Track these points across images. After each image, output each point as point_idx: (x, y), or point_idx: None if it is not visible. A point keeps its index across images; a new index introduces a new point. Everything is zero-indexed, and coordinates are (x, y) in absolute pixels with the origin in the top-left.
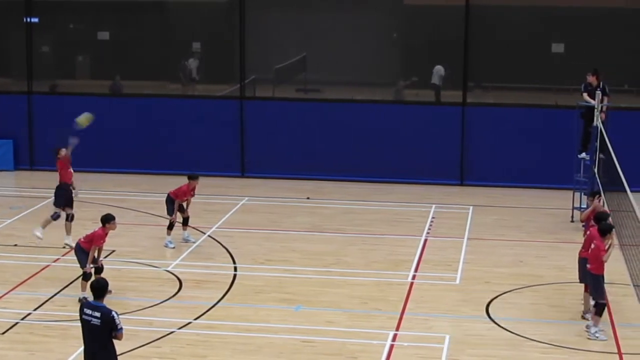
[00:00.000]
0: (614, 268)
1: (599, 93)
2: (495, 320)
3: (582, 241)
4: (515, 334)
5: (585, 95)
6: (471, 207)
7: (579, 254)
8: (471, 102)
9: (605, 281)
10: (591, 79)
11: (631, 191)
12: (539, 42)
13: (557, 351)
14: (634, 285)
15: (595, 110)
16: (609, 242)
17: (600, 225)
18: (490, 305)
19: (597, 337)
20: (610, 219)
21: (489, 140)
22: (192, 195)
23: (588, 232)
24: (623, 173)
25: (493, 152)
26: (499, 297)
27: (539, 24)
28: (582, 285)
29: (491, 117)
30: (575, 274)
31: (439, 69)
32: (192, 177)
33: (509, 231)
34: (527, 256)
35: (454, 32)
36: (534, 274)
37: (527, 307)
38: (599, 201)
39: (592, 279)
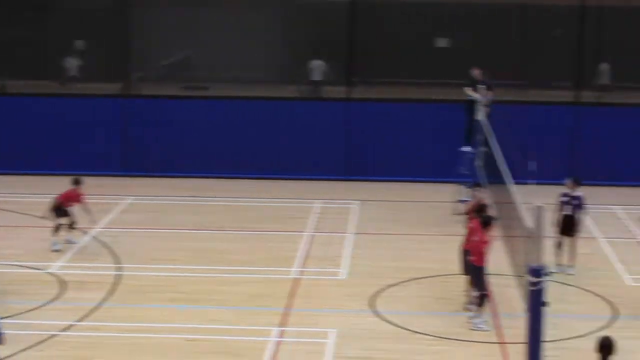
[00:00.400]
0: (496, 259)
1: (482, 87)
2: (381, 314)
3: (465, 233)
4: (401, 327)
5: (468, 89)
6: (356, 202)
7: (461, 246)
8: (355, 97)
9: (488, 272)
10: (475, 73)
11: (513, 183)
12: (424, 37)
13: (442, 343)
14: (515, 276)
15: (479, 104)
16: (490, 234)
17: (481, 217)
18: (376, 299)
19: (480, 327)
20: (491, 211)
21: (374, 135)
22: (81, 200)
23: (470, 225)
24: (505, 166)
25: (378, 146)
26: (384, 291)
27: (423, 19)
28: (465, 277)
29: (376, 112)
30: (458, 266)
31: (319, 65)
32: (76, 182)
33: (393, 225)
34: (411, 249)
35: (340, 28)
36: (418, 267)
37: (413, 300)
38: (482, 194)
39: (474, 270)
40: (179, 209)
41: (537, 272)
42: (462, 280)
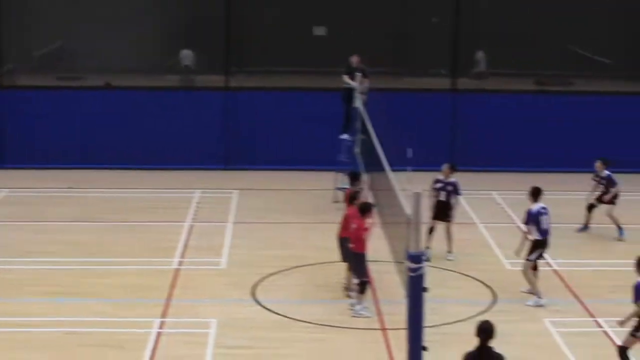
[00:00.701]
0: (376, 246)
1: (358, 75)
2: (262, 303)
3: (341, 221)
4: (282, 315)
5: (345, 77)
6: (236, 191)
7: (338, 233)
8: (233, 86)
9: (367, 259)
10: (354, 60)
11: (391, 170)
12: (301, 25)
13: (324, 330)
14: (395, 262)
15: (356, 91)
16: (369, 221)
17: (359, 204)
18: (257, 288)
19: (362, 314)
20: (368, 197)
21: (252, 124)
22: None
23: (347, 212)
24: (383, 153)
25: (257, 135)
26: (265, 280)
27: (300, 6)
28: (345, 264)
29: (254, 101)
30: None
31: (187, 54)
32: None
33: (273, 214)
34: (292, 238)
35: (217, 16)
36: (299, 255)
37: (294, 288)
38: (360, 181)
39: (354, 257)
40: (56, 201)
41: (417, 258)
42: (342, 268)
